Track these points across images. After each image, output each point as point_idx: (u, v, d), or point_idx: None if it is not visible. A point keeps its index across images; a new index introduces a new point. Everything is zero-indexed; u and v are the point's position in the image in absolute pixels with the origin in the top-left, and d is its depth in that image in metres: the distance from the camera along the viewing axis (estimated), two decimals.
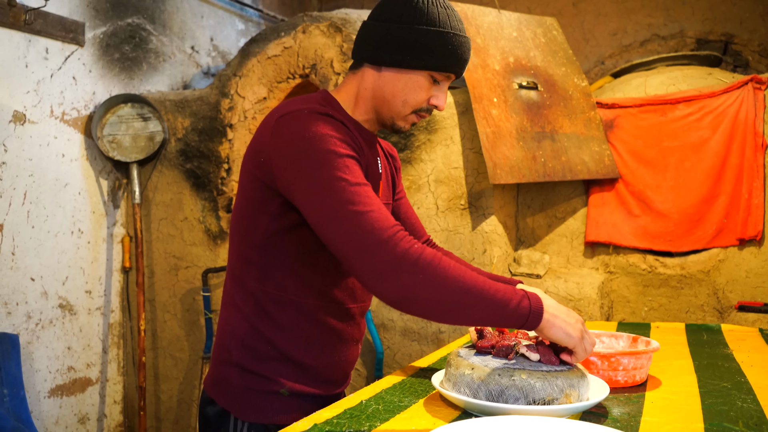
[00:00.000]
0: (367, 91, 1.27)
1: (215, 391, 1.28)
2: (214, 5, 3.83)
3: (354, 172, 1.10)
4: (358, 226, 1.05)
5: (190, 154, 3.18)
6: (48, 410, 2.88)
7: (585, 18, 3.95)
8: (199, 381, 3.11)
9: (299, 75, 3.01)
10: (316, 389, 1.29)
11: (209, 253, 3.14)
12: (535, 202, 2.91)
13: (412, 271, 1.03)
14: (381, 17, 1.22)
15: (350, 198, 1.07)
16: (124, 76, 3.23)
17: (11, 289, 2.70)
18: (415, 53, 1.19)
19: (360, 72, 1.28)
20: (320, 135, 1.11)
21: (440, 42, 1.19)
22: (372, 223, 1.05)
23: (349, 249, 1.06)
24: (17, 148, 2.72)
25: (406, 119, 1.27)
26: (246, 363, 1.25)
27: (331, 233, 1.08)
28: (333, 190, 1.08)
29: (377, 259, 1.04)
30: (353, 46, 1.30)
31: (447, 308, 1.05)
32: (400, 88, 1.23)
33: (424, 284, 1.03)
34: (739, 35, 3.61)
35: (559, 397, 1.05)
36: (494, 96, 2.65)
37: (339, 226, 1.06)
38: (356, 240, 1.05)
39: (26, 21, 2.68)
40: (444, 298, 1.04)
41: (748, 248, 2.55)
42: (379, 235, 1.04)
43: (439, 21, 1.19)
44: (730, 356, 1.58)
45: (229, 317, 1.28)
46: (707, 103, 2.65)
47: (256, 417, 1.24)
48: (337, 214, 1.07)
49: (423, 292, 1.04)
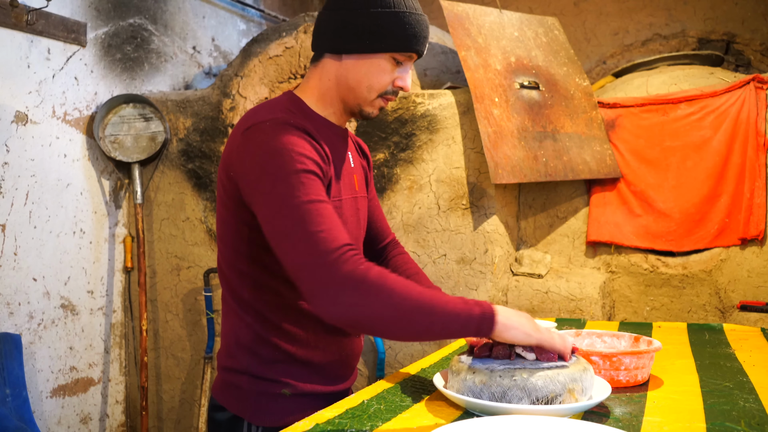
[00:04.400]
0: (330, 82, 1.25)
1: (225, 398, 1.29)
2: (215, 5, 3.83)
3: (310, 189, 1.09)
4: (305, 246, 1.05)
5: (191, 155, 3.18)
6: (50, 410, 2.88)
7: (586, 18, 3.95)
8: (201, 381, 3.12)
9: (301, 75, 3.01)
10: (326, 386, 1.31)
11: (211, 253, 3.14)
12: (537, 201, 2.91)
13: (357, 291, 1.02)
14: (336, 6, 1.22)
15: (302, 217, 1.06)
16: (125, 76, 3.23)
17: (13, 290, 2.70)
18: (374, 37, 1.18)
19: (321, 64, 1.27)
20: (279, 150, 1.10)
21: (398, 23, 1.18)
22: (319, 243, 1.04)
23: (296, 269, 1.06)
24: (19, 149, 2.72)
25: (373, 104, 1.26)
26: (255, 369, 1.26)
27: (282, 252, 1.08)
28: (286, 208, 1.07)
29: (322, 280, 1.03)
30: (311, 39, 1.29)
31: (397, 325, 1.04)
32: (363, 73, 1.22)
33: (370, 304, 1.02)
34: (740, 35, 3.60)
35: (562, 393, 1.05)
36: (496, 96, 2.65)
37: (289, 245, 1.07)
38: (302, 261, 1.05)
39: (28, 21, 2.69)
40: (392, 316, 1.03)
41: (750, 248, 2.55)
42: (325, 256, 1.03)
43: (394, 2, 1.19)
44: (732, 356, 1.58)
45: (232, 326, 1.29)
46: (709, 103, 2.65)
47: (270, 420, 1.25)
48: (288, 233, 1.07)
49: (370, 312, 1.03)
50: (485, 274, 2.65)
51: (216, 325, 3.12)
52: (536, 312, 2.66)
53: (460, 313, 1.05)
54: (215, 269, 3.08)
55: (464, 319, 1.05)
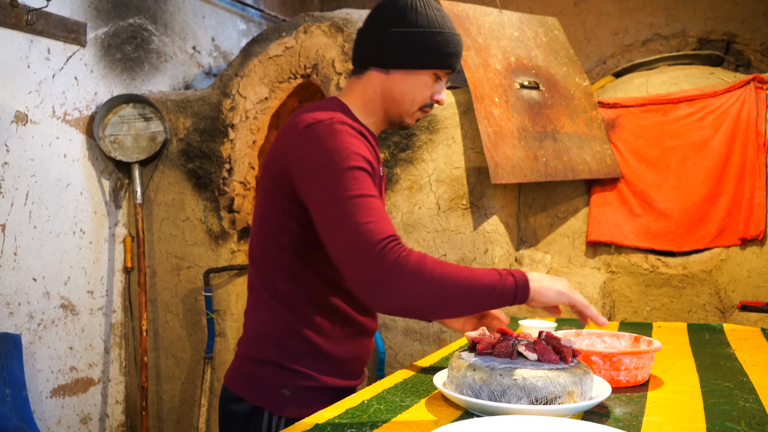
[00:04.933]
0: (375, 94, 1.34)
1: (244, 389, 1.32)
2: (215, 5, 3.83)
3: (362, 184, 1.16)
4: (353, 237, 1.11)
5: (191, 155, 3.18)
6: (50, 410, 2.88)
7: (586, 17, 3.95)
8: (201, 381, 3.12)
9: (301, 75, 3.01)
10: (345, 381, 1.36)
11: (211, 253, 3.14)
12: (537, 201, 2.91)
13: (402, 279, 1.08)
14: (383, 23, 1.30)
15: (352, 209, 1.12)
16: (125, 76, 3.23)
17: (13, 290, 2.70)
18: (421, 54, 1.28)
19: (366, 76, 1.34)
20: (337, 148, 1.17)
21: (442, 42, 1.28)
22: (366, 235, 1.10)
23: (343, 259, 1.13)
24: (19, 149, 2.72)
25: (413, 116, 1.36)
26: (282, 361, 1.30)
27: (330, 243, 1.15)
28: (337, 201, 1.13)
29: (368, 270, 1.09)
30: (354, 52, 1.37)
31: (440, 306, 1.11)
32: (408, 87, 1.31)
33: (415, 290, 1.08)
34: (741, 35, 3.60)
35: (561, 394, 1.05)
36: (496, 96, 2.65)
37: (337, 236, 1.13)
38: (350, 251, 1.11)
39: (28, 21, 2.69)
40: (436, 298, 1.09)
41: (750, 248, 2.55)
42: (372, 247, 1.09)
43: (437, 23, 1.29)
44: (732, 356, 1.58)
45: (261, 318, 1.33)
46: (709, 103, 2.65)
47: (291, 412, 1.29)
48: (337, 224, 1.13)
49: (415, 298, 1.09)
50: None
51: (216, 325, 3.12)
52: (536, 312, 2.66)
53: (496, 286, 1.12)
54: (215, 269, 3.08)
55: (500, 291, 1.12)
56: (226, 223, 3.13)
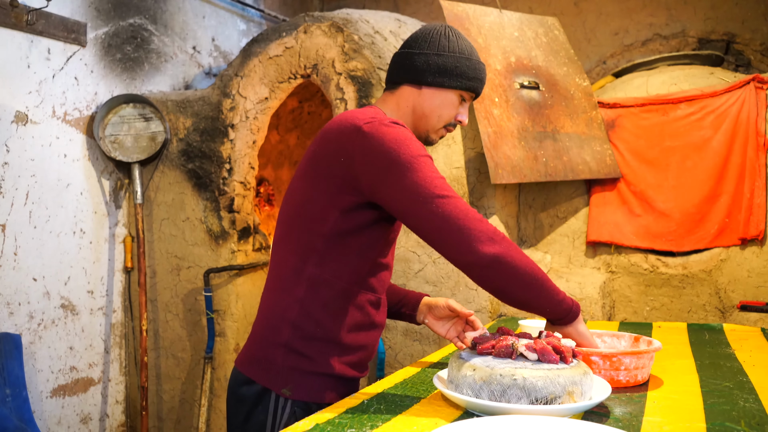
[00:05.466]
0: (408, 108, 1.47)
1: (254, 370, 1.38)
2: (215, 5, 3.83)
3: (433, 168, 1.30)
4: (452, 210, 1.24)
5: (191, 155, 3.18)
6: (50, 410, 2.88)
7: (586, 17, 3.95)
8: (201, 381, 3.12)
9: (301, 75, 3.01)
10: (352, 371, 1.40)
11: (211, 253, 3.14)
12: (537, 201, 2.91)
13: (504, 242, 1.24)
14: (421, 47, 1.45)
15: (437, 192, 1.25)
16: (125, 76, 3.23)
17: (13, 290, 2.70)
18: (451, 76, 1.43)
19: (399, 92, 1.47)
20: (402, 140, 1.30)
21: (470, 67, 1.45)
22: (461, 206, 1.25)
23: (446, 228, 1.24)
24: (19, 149, 2.72)
25: (438, 132, 1.49)
26: (294, 343, 1.36)
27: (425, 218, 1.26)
28: (423, 184, 1.26)
29: (475, 232, 1.23)
30: (390, 72, 1.51)
31: (519, 284, 1.25)
32: (437, 104, 1.45)
33: (510, 255, 1.24)
34: (741, 35, 3.60)
35: (561, 394, 1.05)
36: (496, 96, 2.65)
37: (434, 212, 1.25)
38: (453, 221, 1.24)
39: (28, 21, 2.69)
40: (520, 273, 1.24)
41: (750, 248, 2.55)
42: (473, 214, 1.25)
43: (467, 51, 1.46)
44: (732, 356, 1.58)
45: (279, 300, 1.39)
46: (709, 103, 2.65)
47: (298, 395, 1.35)
48: (430, 203, 1.25)
49: (509, 262, 1.23)
50: None
51: (216, 325, 3.12)
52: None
53: (559, 294, 1.28)
54: (215, 269, 3.08)
55: (560, 300, 1.28)
56: (226, 223, 3.13)
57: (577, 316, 1.31)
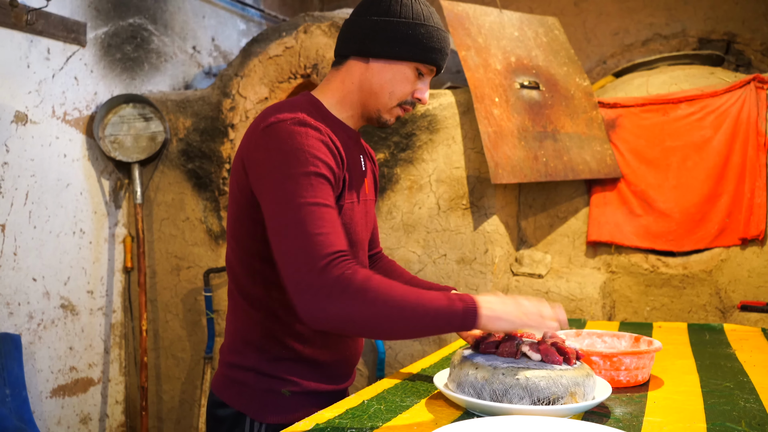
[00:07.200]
0: (353, 85, 1.29)
1: (228, 395, 1.30)
2: (215, 5, 3.83)
3: (318, 192, 1.11)
4: (301, 245, 1.06)
5: (191, 154, 3.18)
6: (50, 410, 2.88)
7: (587, 17, 3.95)
8: (201, 381, 3.12)
9: (300, 75, 3.01)
10: (328, 385, 1.33)
11: (211, 253, 3.14)
12: (537, 201, 2.91)
13: (343, 296, 1.04)
14: (367, 12, 1.26)
15: (304, 217, 1.08)
16: (125, 76, 3.23)
17: (13, 290, 2.70)
18: (403, 45, 1.23)
19: (345, 66, 1.30)
20: (295, 150, 1.12)
21: (426, 35, 1.24)
22: (314, 246, 1.06)
23: (287, 268, 1.07)
24: (19, 149, 2.72)
25: (391, 112, 1.30)
26: (262, 366, 1.27)
27: (278, 249, 1.10)
28: (290, 206, 1.09)
29: (309, 283, 1.05)
30: (337, 43, 1.33)
31: (384, 327, 1.07)
32: (388, 79, 1.26)
33: (355, 308, 1.04)
34: (741, 34, 3.60)
35: (564, 395, 1.05)
36: (496, 96, 2.65)
37: (286, 243, 1.08)
38: (294, 261, 1.06)
39: (28, 21, 2.69)
40: (379, 318, 1.05)
41: (751, 248, 2.55)
42: (318, 260, 1.05)
43: (423, 16, 1.25)
44: (732, 356, 1.58)
45: (240, 322, 1.31)
46: (709, 103, 2.65)
47: (273, 418, 1.27)
48: (287, 231, 1.08)
49: (356, 316, 1.05)
50: (485, 274, 2.65)
51: (216, 325, 3.12)
52: None
53: (443, 310, 1.06)
54: (215, 269, 3.08)
55: (448, 315, 1.07)
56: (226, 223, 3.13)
57: (475, 312, 1.08)
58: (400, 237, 2.79)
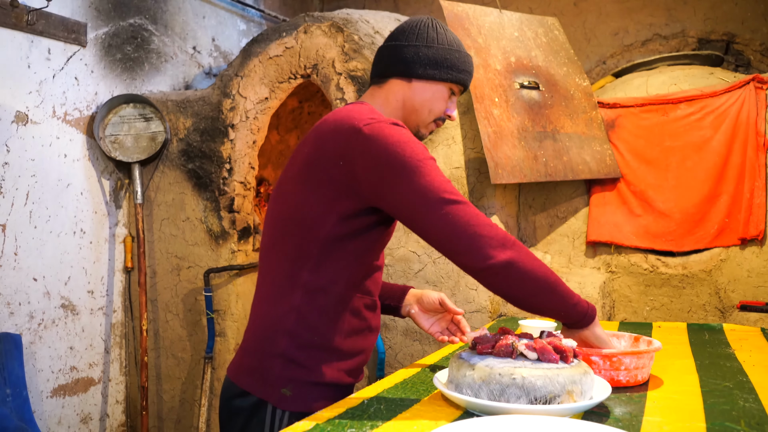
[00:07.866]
0: (398, 102, 1.43)
1: (250, 381, 1.33)
2: (215, 5, 3.83)
3: (439, 171, 1.27)
4: (462, 215, 1.22)
5: (192, 155, 3.18)
6: (50, 410, 2.88)
7: (586, 18, 3.95)
8: (201, 381, 3.12)
9: (301, 75, 3.01)
10: (348, 379, 1.38)
11: (211, 253, 3.14)
12: (537, 201, 2.91)
13: (516, 246, 1.23)
14: (408, 40, 1.43)
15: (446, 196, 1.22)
16: (126, 76, 3.23)
17: (14, 290, 2.70)
18: (442, 68, 1.41)
19: (387, 85, 1.44)
20: (405, 142, 1.26)
21: (460, 59, 1.43)
22: (471, 211, 1.23)
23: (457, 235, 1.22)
24: (19, 149, 2.72)
25: (428, 126, 1.46)
26: (291, 352, 1.31)
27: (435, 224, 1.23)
28: (431, 189, 1.23)
29: (486, 238, 1.21)
30: (376, 66, 1.47)
31: (532, 289, 1.23)
32: (428, 98, 1.42)
33: (522, 261, 1.22)
34: (740, 35, 3.60)
35: (561, 394, 1.05)
36: (496, 96, 2.65)
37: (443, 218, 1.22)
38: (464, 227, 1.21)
39: (28, 21, 2.69)
40: (533, 278, 1.23)
41: (750, 248, 2.55)
42: (483, 219, 1.23)
43: (456, 43, 1.44)
44: (732, 356, 1.58)
45: (273, 309, 1.35)
46: (709, 103, 2.65)
47: (296, 406, 1.31)
48: (439, 209, 1.22)
49: (522, 267, 1.22)
50: None
51: (216, 325, 3.12)
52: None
53: (573, 297, 1.27)
54: (215, 269, 3.08)
55: (574, 303, 1.27)
56: (226, 223, 3.13)
57: (593, 319, 1.29)
58: (400, 237, 2.79)
